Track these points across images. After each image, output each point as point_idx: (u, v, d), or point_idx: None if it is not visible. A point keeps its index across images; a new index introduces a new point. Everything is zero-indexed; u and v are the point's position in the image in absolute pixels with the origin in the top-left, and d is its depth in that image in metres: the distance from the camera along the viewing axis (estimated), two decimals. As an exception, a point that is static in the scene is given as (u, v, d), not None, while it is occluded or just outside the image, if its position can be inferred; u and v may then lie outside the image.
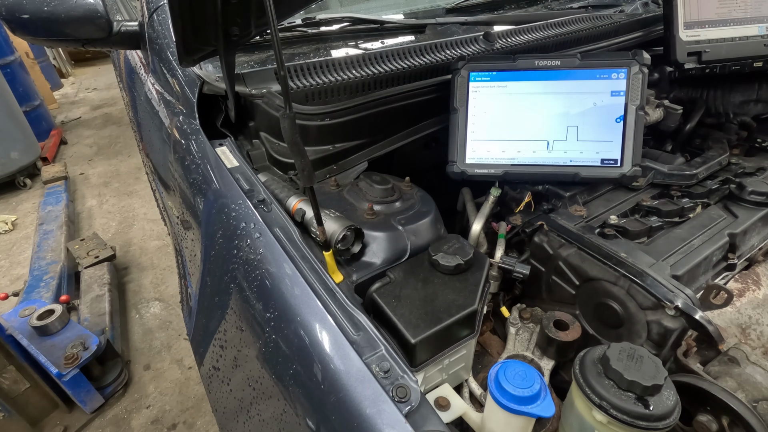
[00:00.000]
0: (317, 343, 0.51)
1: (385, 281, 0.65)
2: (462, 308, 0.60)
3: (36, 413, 1.74)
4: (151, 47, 1.07)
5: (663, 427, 0.49)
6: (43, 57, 5.50)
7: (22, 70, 4.12)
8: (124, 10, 1.40)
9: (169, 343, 2.16)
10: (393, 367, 0.48)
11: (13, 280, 2.63)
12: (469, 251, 0.66)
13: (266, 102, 0.85)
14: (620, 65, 0.81)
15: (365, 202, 0.74)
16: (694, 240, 0.75)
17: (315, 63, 0.91)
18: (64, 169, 3.53)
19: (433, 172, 1.01)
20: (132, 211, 3.28)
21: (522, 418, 0.55)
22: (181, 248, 0.99)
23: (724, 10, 1.05)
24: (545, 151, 0.84)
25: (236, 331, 0.66)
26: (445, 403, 0.62)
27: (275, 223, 0.65)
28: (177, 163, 0.90)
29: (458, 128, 0.86)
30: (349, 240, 0.65)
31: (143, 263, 2.71)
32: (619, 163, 0.81)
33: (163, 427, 1.78)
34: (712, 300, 0.69)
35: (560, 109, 0.83)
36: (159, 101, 1.09)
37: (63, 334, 1.73)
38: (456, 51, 1.05)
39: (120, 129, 4.77)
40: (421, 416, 0.45)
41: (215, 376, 0.76)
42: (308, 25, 1.09)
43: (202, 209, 0.77)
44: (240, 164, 0.77)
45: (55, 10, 0.90)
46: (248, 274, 0.62)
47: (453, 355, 0.63)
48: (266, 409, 0.60)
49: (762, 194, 0.82)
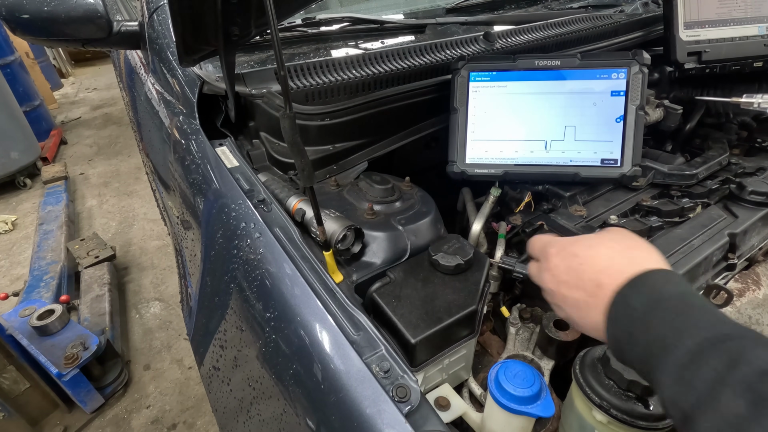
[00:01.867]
0: (317, 343, 0.51)
1: (385, 281, 0.65)
2: (462, 308, 0.60)
3: (36, 413, 1.74)
4: (151, 47, 1.07)
5: (663, 426, 0.49)
6: (43, 57, 5.50)
7: (22, 70, 4.12)
8: (124, 10, 1.40)
9: (169, 343, 2.16)
10: (393, 367, 0.48)
11: (13, 280, 2.63)
12: (469, 251, 0.66)
13: (266, 102, 0.85)
14: (620, 65, 0.81)
15: (365, 202, 0.74)
16: (694, 240, 0.75)
17: (315, 63, 0.91)
18: (64, 169, 3.53)
19: (433, 172, 1.01)
20: (132, 211, 3.28)
21: (522, 418, 0.55)
22: (181, 248, 0.99)
23: (724, 10, 1.04)
24: (545, 151, 0.84)
25: (236, 331, 0.66)
26: (445, 403, 0.62)
27: (275, 223, 0.65)
28: (177, 163, 0.90)
29: (458, 128, 0.86)
30: (349, 240, 0.65)
31: (143, 263, 2.71)
32: (619, 163, 0.81)
33: (163, 427, 1.78)
34: (712, 300, 0.69)
35: (560, 109, 0.83)
36: (159, 101, 1.09)
37: (63, 334, 1.73)
38: (456, 51, 1.05)
39: (120, 129, 4.77)
40: (421, 416, 0.45)
41: (215, 376, 0.76)
42: (308, 25, 1.09)
43: (202, 209, 0.77)
44: (240, 164, 0.77)
45: (55, 10, 0.90)
46: (248, 274, 0.62)
47: (453, 355, 0.63)
48: (266, 409, 0.60)
49: (762, 194, 0.82)
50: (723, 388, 0.27)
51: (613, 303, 0.39)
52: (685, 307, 0.35)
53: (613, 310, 0.39)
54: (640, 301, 0.37)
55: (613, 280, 0.40)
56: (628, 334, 0.37)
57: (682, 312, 0.34)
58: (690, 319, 0.34)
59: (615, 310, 0.39)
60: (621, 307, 0.39)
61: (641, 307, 0.37)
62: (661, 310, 0.35)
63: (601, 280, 0.42)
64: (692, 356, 0.31)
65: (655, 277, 0.38)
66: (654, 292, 0.37)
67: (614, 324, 0.39)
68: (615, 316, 0.39)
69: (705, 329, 0.32)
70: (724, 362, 0.29)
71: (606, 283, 0.41)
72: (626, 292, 0.39)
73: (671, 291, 0.37)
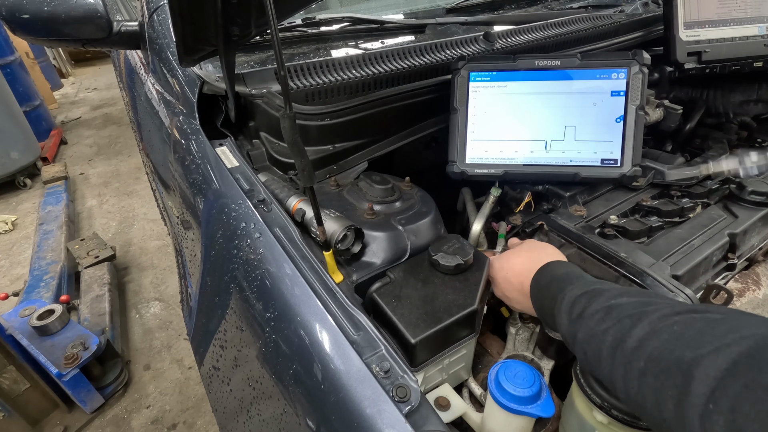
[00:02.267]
0: (317, 343, 0.51)
1: (385, 281, 0.65)
2: (462, 308, 0.60)
3: (36, 413, 1.74)
4: (151, 47, 1.07)
5: (663, 427, 0.49)
6: (43, 57, 5.50)
7: (22, 70, 4.12)
8: (124, 10, 1.40)
9: (169, 343, 2.16)
10: (393, 367, 0.48)
11: (13, 280, 2.63)
12: (469, 251, 0.66)
13: (266, 102, 0.85)
14: (620, 65, 0.81)
15: (365, 202, 0.74)
16: (694, 240, 0.75)
17: (315, 63, 0.91)
18: (64, 169, 3.53)
19: (433, 172, 1.01)
20: (132, 211, 3.28)
21: (522, 418, 0.55)
22: (181, 248, 0.99)
23: (724, 10, 1.04)
24: (545, 151, 0.84)
25: (236, 331, 0.66)
26: (445, 403, 0.62)
27: (275, 223, 0.65)
28: (177, 163, 0.90)
29: (458, 128, 0.86)
30: (349, 240, 0.65)
31: (143, 263, 2.71)
32: (619, 163, 0.81)
33: (163, 427, 1.78)
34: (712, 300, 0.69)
35: (560, 109, 0.83)
36: (159, 101, 1.09)
37: (63, 334, 1.73)
38: (456, 51, 1.05)
39: (120, 129, 4.77)
40: (421, 416, 0.45)
41: (215, 375, 0.76)
42: (308, 25, 1.09)
43: (202, 209, 0.77)
44: (240, 164, 0.77)
45: (55, 10, 0.90)
46: (248, 274, 0.62)
47: (453, 355, 0.63)
48: (266, 409, 0.60)
49: (762, 194, 0.82)
50: (586, 313, 0.47)
51: (530, 288, 0.61)
52: (568, 278, 0.55)
53: (532, 293, 0.60)
54: (543, 281, 0.59)
55: (527, 277, 0.62)
56: (540, 304, 0.58)
57: (565, 281, 0.54)
58: (569, 283, 0.53)
59: (532, 293, 0.60)
60: (535, 290, 0.60)
61: (544, 284, 0.58)
62: (555, 281, 0.56)
63: (521, 280, 0.63)
64: (571, 302, 0.50)
65: (551, 266, 0.60)
66: (549, 273, 0.59)
67: (534, 301, 0.60)
68: (533, 295, 0.60)
69: (578, 287, 0.51)
70: (587, 301, 0.48)
71: (525, 281, 0.62)
72: (536, 279, 0.60)
73: (560, 271, 0.58)
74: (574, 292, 0.51)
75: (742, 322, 0.35)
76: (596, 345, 0.44)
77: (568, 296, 0.51)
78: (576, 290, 0.51)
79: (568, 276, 0.55)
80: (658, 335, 0.38)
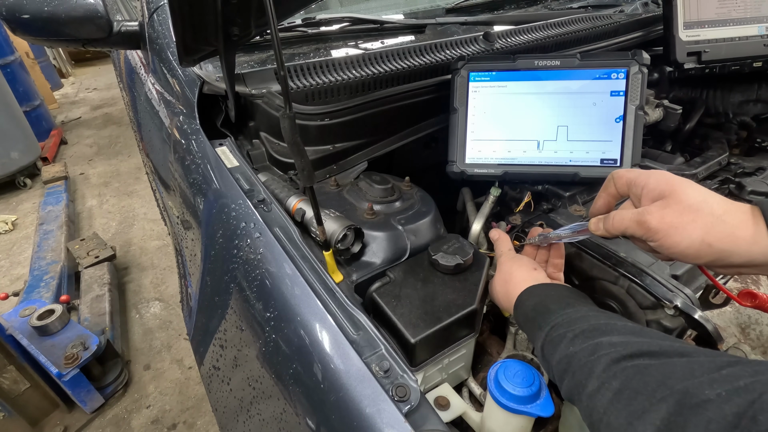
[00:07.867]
0: (317, 343, 0.51)
1: (385, 281, 0.65)
2: (462, 308, 0.60)
3: (36, 413, 1.74)
4: (151, 47, 1.07)
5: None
6: (43, 57, 5.50)
7: (22, 70, 4.12)
8: (124, 10, 1.40)
9: (169, 343, 2.16)
10: (393, 366, 0.48)
11: (13, 280, 2.63)
12: (469, 251, 0.66)
13: (266, 102, 0.85)
14: (620, 65, 0.81)
15: (365, 202, 0.74)
16: (694, 240, 0.75)
17: (315, 63, 0.91)
18: (64, 169, 3.53)
19: (433, 172, 1.01)
20: (132, 211, 3.28)
21: (522, 417, 0.55)
22: (181, 248, 0.99)
23: (724, 10, 1.05)
24: (543, 151, 0.84)
25: (236, 331, 0.66)
26: (444, 403, 0.62)
27: (275, 223, 0.65)
28: (177, 163, 0.90)
29: (458, 128, 0.86)
30: (349, 240, 0.65)
31: (143, 263, 2.71)
32: (618, 163, 0.81)
33: (163, 427, 1.78)
34: (712, 299, 0.69)
35: (559, 109, 0.83)
36: (159, 101, 1.09)
37: (63, 334, 1.73)
38: (456, 51, 1.05)
39: (120, 129, 4.77)
40: (420, 416, 0.45)
41: (215, 375, 0.76)
42: (308, 25, 1.09)
43: (202, 209, 0.78)
44: (240, 164, 0.77)
45: (55, 11, 0.90)
46: (248, 273, 0.62)
47: (453, 355, 0.63)
48: (266, 409, 0.60)
49: (762, 194, 0.83)
50: (552, 363, 0.49)
51: (515, 303, 0.61)
52: (535, 317, 0.56)
53: (516, 306, 0.61)
54: (521, 319, 0.59)
55: (510, 303, 0.62)
56: (523, 319, 0.60)
57: (534, 321, 0.55)
58: (537, 328, 0.54)
59: (516, 308, 0.61)
60: (518, 308, 0.60)
61: (521, 321, 0.59)
62: (527, 323, 0.57)
63: (506, 306, 0.64)
64: (540, 350, 0.52)
65: (521, 299, 0.60)
66: (522, 308, 0.59)
67: (516, 312, 0.61)
68: (516, 309, 0.61)
69: (544, 330, 0.53)
70: (551, 349, 0.50)
71: (512, 293, 0.62)
72: (515, 313, 0.61)
73: (528, 306, 0.58)
74: (541, 336, 0.53)
75: (676, 369, 0.37)
76: (567, 397, 0.47)
77: (538, 344, 0.53)
78: (542, 334, 0.53)
79: (536, 312, 0.56)
80: (602, 393, 0.40)
